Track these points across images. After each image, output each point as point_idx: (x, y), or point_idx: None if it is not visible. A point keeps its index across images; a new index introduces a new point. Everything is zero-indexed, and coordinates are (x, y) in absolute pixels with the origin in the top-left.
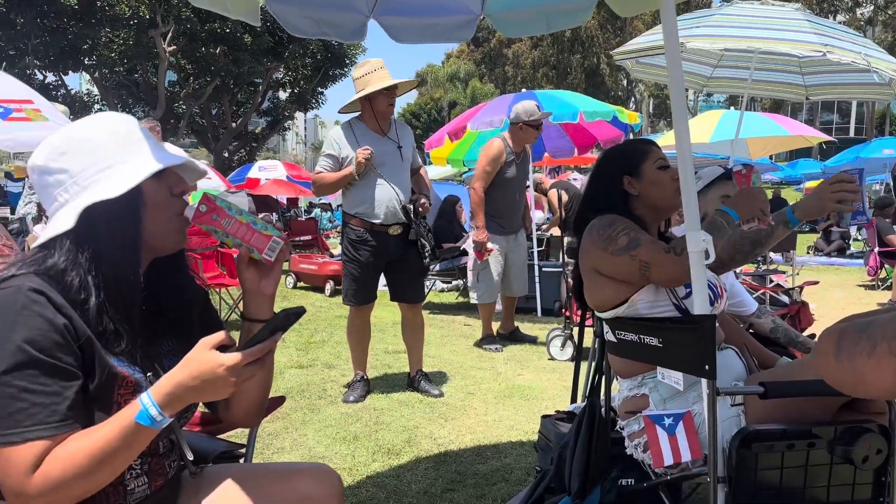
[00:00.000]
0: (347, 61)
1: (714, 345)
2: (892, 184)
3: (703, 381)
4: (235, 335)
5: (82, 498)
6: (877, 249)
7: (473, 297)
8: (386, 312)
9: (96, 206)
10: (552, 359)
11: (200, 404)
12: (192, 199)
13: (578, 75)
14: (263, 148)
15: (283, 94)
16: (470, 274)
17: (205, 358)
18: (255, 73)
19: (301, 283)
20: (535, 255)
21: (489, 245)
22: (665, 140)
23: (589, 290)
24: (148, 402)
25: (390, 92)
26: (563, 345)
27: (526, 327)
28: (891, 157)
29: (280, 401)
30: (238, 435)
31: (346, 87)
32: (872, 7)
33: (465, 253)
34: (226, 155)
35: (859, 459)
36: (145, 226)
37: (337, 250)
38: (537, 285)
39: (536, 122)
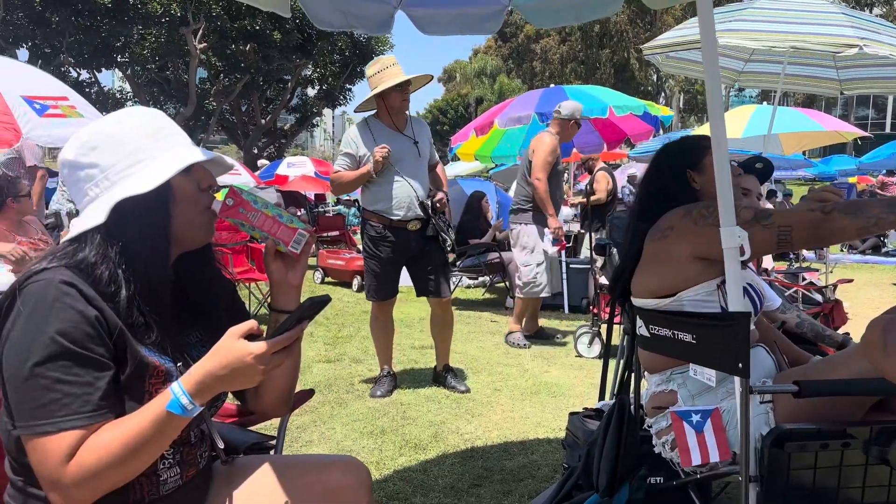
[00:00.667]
0: (375, 57)
1: (748, 343)
2: None
3: (735, 379)
4: (265, 329)
5: (116, 487)
6: None
7: (522, 293)
8: (413, 308)
9: (126, 200)
10: (579, 356)
11: (230, 395)
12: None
13: (607, 70)
14: (292, 144)
15: (311, 91)
16: (526, 268)
17: (234, 347)
18: (284, 69)
19: (328, 279)
20: (563, 251)
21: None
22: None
23: (652, 273)
24: (179, 391)
25: (404, 88)
26: (591, 342)
27: (553, 324)
28: None
29: (309, 394)
30: (268, 427)
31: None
32: None
33: (491, 249)
34: (255, 151)
35: (895, 460)
36: (174, 220)
37: None
38: (564, 282)
39: (580, 120)
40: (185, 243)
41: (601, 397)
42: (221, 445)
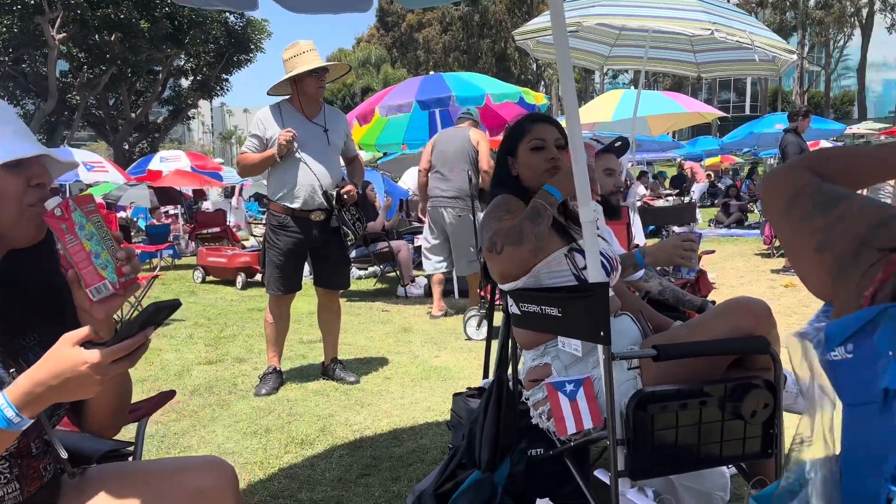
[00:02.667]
0: (252, 46)
1: (608, 311)
2: (780, 157)
3: (601, 347)
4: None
5: None
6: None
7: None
8: (302, 303)
9: None
10: (469, 339)
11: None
12: (97, 192)
13: (489, 59)
14: (167, 139)
15: (185, 82)
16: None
17: (67, 354)
18: (153, 60)
19: (210, 278)
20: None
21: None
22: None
23: (492, 261)
24: (3, 403)
25: (319, 75)
26: (479, 324)
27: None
28: (782, 132)
29: (169, 395)
30: (129, 431)
31: (251, 72)
32: None
33: (381, 238)
34: (126, 147)
35: (748, 414)
36: None
37: (249, 242)
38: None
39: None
40: (10, 240)
41: (485, 376)
42: (64, 456)
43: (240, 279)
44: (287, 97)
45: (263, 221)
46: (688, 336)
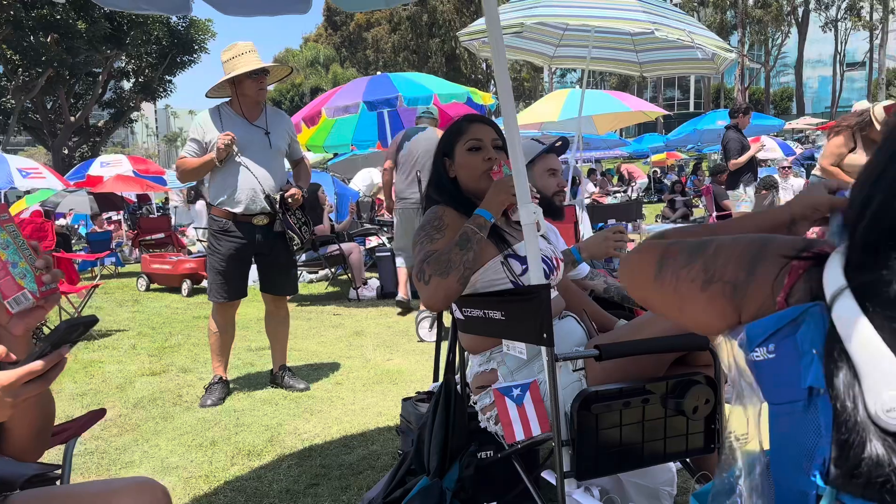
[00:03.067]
0: (196, 47)
1: (550, 313)
2: (723, 152)
3: (544, 349)
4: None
5: None
6: (714, 214)
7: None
8: (250, 309)
9: None
10: (421, 340)
11: None
12: (26, 203)
13: (439, 59)
14: (109, 142)
15: (126, 84)
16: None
17: None
18: (92, 62)
19: (155, 285)
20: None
21: None
22: (519, 119)
23: (419, 289)
24: None
25: (259, 77)
26: (432, 325)
27: (396, 311)
28: (724, 129)
29: (99, 414)
30: (56, 453)
31: (196, 74)
32: None
33: (331, 241)
34: (65, 152)
35: (690, 410)
36: None
37: (195, 247)
38: None
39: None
40: None
41: (435, 380)
42: None
43: (185, 286)
44: (227, 100)
45: None
46: (631, 335)
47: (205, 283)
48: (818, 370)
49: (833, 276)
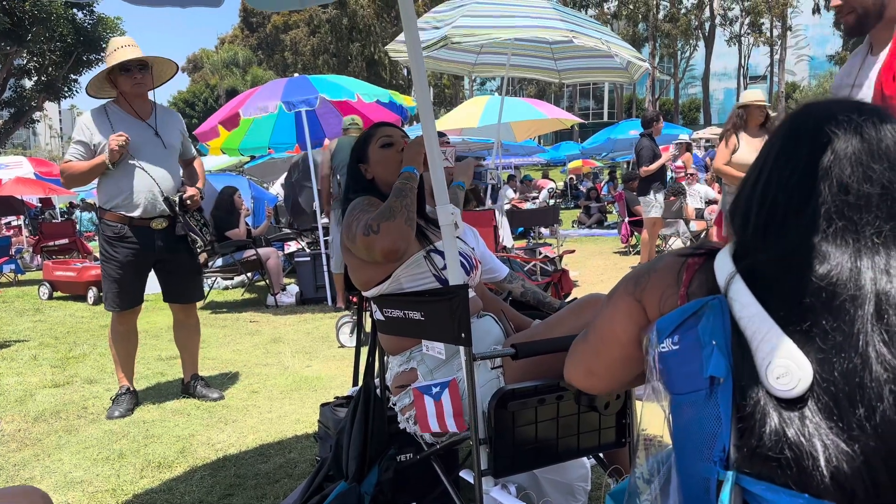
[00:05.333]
0: (104, 45)
1: (468, 313)
2: (636, 159)
3: (462, 349)
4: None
5: None
6: (627, 220)
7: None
8: (159, 317)
9: None
10: (342, 346)
11: None
12: None
13: (359, 63)
14: (8, 144)
15: (28, 83)
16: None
17: None
18: None
19: (58, 293)
20: (322, 243)
21: None
22: (439, 125)
23: (352, 270)
24: None
25: (134, 72)
26: (353, 331)
27: (317, 317)
28: (636, 137)
29: None
30: None
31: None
32: (617, 2)
33: (248, 246)
34: None
35: (602, 406)
36: None
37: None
38: (326, 275)
39: None
40: None
41: (354, 384)
42: None
43: (91, 294)
44: (113, 99)
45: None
46: (545, 333)
47: None
48: (718, 360)
49: (723, 264)
